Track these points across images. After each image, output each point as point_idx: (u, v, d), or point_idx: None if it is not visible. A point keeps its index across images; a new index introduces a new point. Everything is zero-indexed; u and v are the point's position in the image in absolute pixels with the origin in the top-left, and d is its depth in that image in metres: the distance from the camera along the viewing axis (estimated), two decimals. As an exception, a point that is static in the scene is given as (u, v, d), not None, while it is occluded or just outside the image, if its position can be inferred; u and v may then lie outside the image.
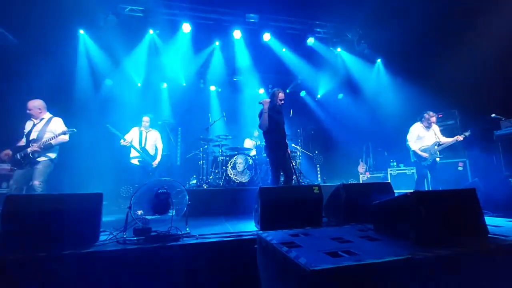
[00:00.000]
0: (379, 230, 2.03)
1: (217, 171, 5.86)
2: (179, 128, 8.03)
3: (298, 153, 6.98)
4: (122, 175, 5.78)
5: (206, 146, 6.30)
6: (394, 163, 7.15)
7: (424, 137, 4.86)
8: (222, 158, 5.73)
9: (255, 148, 6.40)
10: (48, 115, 3.93)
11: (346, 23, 7.37)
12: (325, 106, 9.36)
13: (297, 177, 3.72)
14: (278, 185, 3.80)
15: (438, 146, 4.76)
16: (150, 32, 6.66)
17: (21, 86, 5.09)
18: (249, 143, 6.94)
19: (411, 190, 1.91)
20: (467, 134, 4.64)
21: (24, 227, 2.06)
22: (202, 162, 6.27)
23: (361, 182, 7.67)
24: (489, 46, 5.10)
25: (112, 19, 5.95)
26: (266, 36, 7.06)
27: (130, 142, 4.96)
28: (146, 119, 5.23)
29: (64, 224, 2.14)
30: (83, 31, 6.27)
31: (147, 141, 5.14)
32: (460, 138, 4.63)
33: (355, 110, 8.88)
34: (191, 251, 2.14)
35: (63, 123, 3.95)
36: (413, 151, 4.86)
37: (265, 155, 5.50)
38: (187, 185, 6.01)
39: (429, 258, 1.36)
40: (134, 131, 5.19)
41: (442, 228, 1.71)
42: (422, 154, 4.74)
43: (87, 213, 2.25)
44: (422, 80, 6.51)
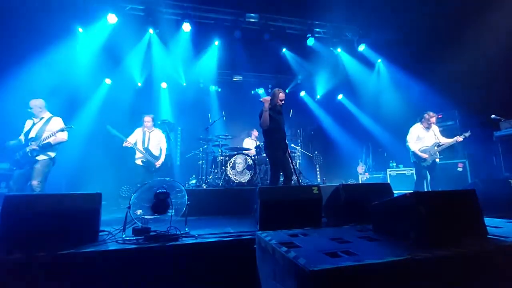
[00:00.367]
0: (379, 231, 2.03)
1: (216, 171, 5.86)
2: (179, 127, 8.04)
3: (298, 153, 6.99)
4: (124, 175, 5.78)
5: (205, 146, 6.29)
6: (394, 164, 7.16)
7: (424, 137, 4.86)
8: (222, 158, 5.73)
9: (255, 148, 6.40)
10: (48, 115, 3.94)
11: (346, 23, 7.38)
12: (325, 106, 9.37)
13: (297, 177, 3.72)
14: (278, 185, 3.80)
15: (438, 146, 4.75)
16: (150, 31, 6.65)
17: (20, 85, 5.08)
18: (248, 143, 6.94)
19: (411, 191, 1.91)
20: (467, 134, 4.64)
21: (23, 227, 2.05)
22: (202, 162, 6.27)
23: (360, 182, 7.67)
24: (489, 46, 5.11)
25: (111, 18, 5.95)
26: (267, 36, 7.05)
27: (134, 143, 4.94)
28: (147, 119, 5.17)
29: (63, 224, 2.14)
30: (82, 30, 6.24)
31: (150, 141, 5.10)
32: (460, 138, 4.63)
33: (355, 111, 8.89)
34: (190, 251, 2.14)
35: (63, 123, 3.95)
36: (412, 152, 4.85)
37: (264, 155, 5.51)
38: (187, 185, 6.02)
39: (428, 258, 1.36)
40: (138, 132, 5.15)
41: (441, 228, 1.70)
42: (422, 155, 4.74)
43: (86, 213, 2.24)
44: (422, 80, 6.52)
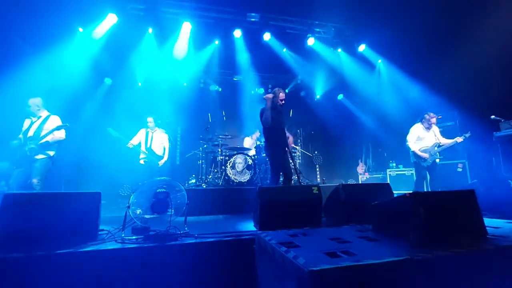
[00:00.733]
0: (378, 231, 2.03)
1: (216, 171, 5.85)
2: (179, 127, 8.03)
3: (298, 153, 6.99)
4: (124, 174, 5.80)
5: (205, 146, 6.29)
6: (394, 164, 7.16)
7: (424, 138, 4.86)
8: (222, 157, 5.72)
9: (255, 147, 6.40)
10: (46, 113, 3.93)
11: (346, 24, 7.37)
12: (325, 106, 9.35)
13: (298, 177, 3.72)
14: (278, 185, 3.80)
15: (438, 147, 4.75)
16: (150, 30, 6.64)
17: (19, 84, 5.07)
18: (248, 143, 6.93)
19: (410, 191, 1.91)
20: (467, 135, 4.64)
21: (22, 226, 2.05)
22: (201, 162, 6.27)
23: (360, 182, 7.68)
24: (489, 47, 5.10)
25: (112, 17, 5.94)
26: (267, 35, 7.05)
27: (138, 144, 5.15)
28: (149, 120, 5.33)
29: (62, 222, 2.13)
30: (82, 29, 6.24)
31: (153, 141, 5.24)
32: (460, 139, 4.63)
33: (355, 111, 8.89)
34: (190, 251, 2.13)
35: (61, 121, 3.94)
36: (412, 152, 4.85)
37: (264, 155, 5.51)
38: (186, 184, 6.01)
39: (428, 259, 1.35)
40: (141, 132, 5.31)
41: (441, 229, 1.70)
42: (422, 155, 4.74)
43: (86, 212, 2.24)
44: (422, 81, 6.52)
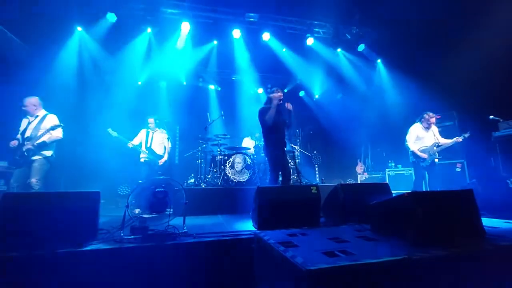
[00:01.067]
0: (376, 230, 2.03)
1: (215, 170, 5.85)
2: (178, 126, 8.02)
3: (297, 153, 6.98)
4: (123, 174, 5.81)
5: (204, 145, 6.29)
6: (392, 164, 7.17)
7: (423, 137, 4.86)
8: (221, 157, 5.72)
9: (254, 147, 6.39)
10: (43, 112, 3.91)
11: (345, 24, 7.37)
12: (324, 106, 9.37)
13: (298, 176, 3.73)
14: (277, 184, 3.80)
15: (437, 147, 4.76)
16: (149, 30, 6.63)
17: (17, 83, 5.06)
18: (247, 143, 6.93)
19: (409, 191, 1.91)
20: (467, 135, 4.64)
21: (20, 225, 2.04)
22: (201, 161, 6.26)
23: (359, 182, 7.69)
24: (488, 48, 5.11)
25: (110, 17, 5.93)
26: (266, 35, 7.04)
27: (139, 144, 5.27)
28: (150, 121, 5.42)
29: (61, 222, 2.13)
30: (81, 28, 6.22)
31: (153, 141, 5.34)
32: (459, 139, 4.64)
33: (354, 111, 8.89)
34: (188, 250, 2.13)
35: (58, 120, 3.93)
36: (412, 152, 4.86)
37: (263, 155, 5.50)
38: (185, 184, 6.00)
39: (425, 258, 1.36)
40: (142, 133, 5.39)
41: (439, 228, 1.71)
42: (421, 155, 4.74)
43: (85, 211, 2.24)
44: (421, 81, 6.52)
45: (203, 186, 5.34)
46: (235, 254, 2.20)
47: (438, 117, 5.73)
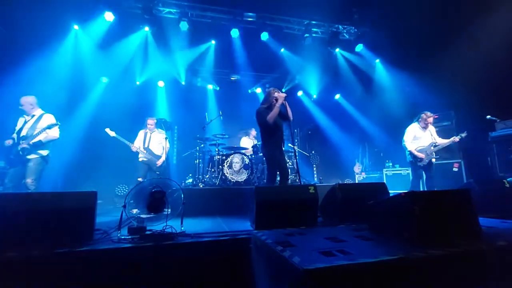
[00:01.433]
0: (374, 230, 2.04)
1: (213, 170, 5.84)
2: (175, 126, 8.00)
3: (295, 153, 6.98)
4: (120, 174, 5.79)
5: (202, 145, 6.27)
6: (390, 164, 7.19)
7: (420, 137, 4.88)
8: (219, 157, 5.71)
9: (252, 147, 6.39)
10: (39, 112, 3.88)
11: (343, 24, 7.39)
12: (322, 106, 9.38)
13: (299, 176, 3.74)
14: (275, 184, 3.80)
15: (434, 147, 4.78)
16: (146, 29, 6.60)
17: (14, 83, 5.03)
18: (245, 142, 6.92)
19: (406, 191, 1.92)
20: (464, 135, 4.67)
21: (17, 226, 2.03)
22: (198, 161, 6.25)
23: (357, 182, 7.71)
24: (485, 48, 5.14)
25: (108, 16, 5.90)
26: (264, 35, 7.04)
27: (142, 146, 5.23)
28: (150, 122, 5.37)
29: (58, 222, 2.12)
30: (78, 27, 6.17)
31: (151, 141, 5.31)
32: (456, 139, 4.66)
33: (352, 111, 8.92)
34: (186, 250, 2.13)
35: (55, 120, 3.90)
36: (409, 152, 4.87)
37: (261, 154, 5.50)
38: (183, 184, 5.99)
39: (422, 258, 1.36)
40: (141, 134, 5.35)
41: (435, 228, 1.72)
42: (419, 155, 4.76)
43: (81, 211, 2.22)
44: (419, 81, 6.56)
45: (201, 186, 5.33)
46: (233, 254, 2.20)
47: (436, 117, 5.76)
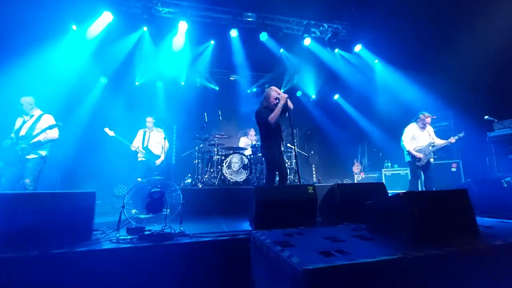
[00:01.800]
0: (372, 230, 2.04)
1: (212, 170, 5.84)
2: (174, 126, 8.00)
3: (294, 153, 7.00)
4: (119, 174, 5.78)
5: (201, 145, 6.27)
6: (389, 164, 7.21)
7: (418, 137, 4.90)
8: (218, 157, 5.71)
9: (251, 147, 6.39)
10: (38, 112, 3.88)
11: (342, 24, 7.40)
12: (321, 106, 9.40)
13: (299, 177, 3.76)
14: (274, 184, 3.80)
15: (432, 147, 4.80)
16: (144, 29, 6.59)
17: (11, 82, 5.00)
18: (244, 142, 6.93)
19: (404, 191, 1.92)
20: (461, 135, 4.69)
21: (15, 226, 2.02)
22: (197, 161, 6.25)
23: (356, 182, 7.72)
24: (483, 48, 5.16)
25: (107, 16, 5.89)
26: (263, 35, 7.04)
27: (141, 146, 5.23)
28: (149, 120, 5.39)
29: (56, 222, 2.11)
30: (76, 26, 6.14)
31: (150, 140, 5.31)
32: (453, 140, 4.68)
33: (351, 111, 8.94)
34: (185, 251, 2.13)
35: (54, 120, 3.90)
36: (407, 151, 4.89)
37: (260, 155, 5.51)
38: (182, 184, 5.99)
39: (421, 257, 1.37)
40: (140, 133, 5.36)
41: (434, 228, 1.72)
42: (417, 155, 4.78)
43: (80, 212, 2.22)
44: (417, 81, 6.58)
45: (200, 186, 5.33)
46: (232, 254, 2.20)
47: (434, 117, 5.79)
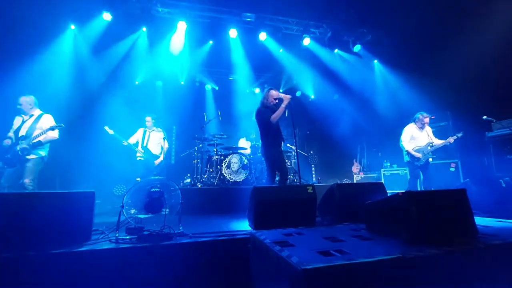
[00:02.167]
0: (372, 230, 2.05)
1: (211, 170, 5.84)
2: (174, 126, 7.99)
3: (293, 153, 7.00)
4: (118, 174, 5.78)
5: (200, 145, 6.27)
6: (388, 164, 7.22)
7: (417, 137, 4.92)
8: (217, 157, 5.71)
9: (250, 147, 6.40)
10: (38, 112, 3.87)
11: (342, 24, 7.41)
12: (320, 106, 9.40)
13: (299, 177, 3.77)
14: (274, 184, 3.81)
15: (431, 146, 4.82)
16: (144, 29, 6.59)
17: (10, 82, 4.99)
18: (244, 143, 6.93)
19: (403, 190, 1.93)
20: (459, 135, 4.71)
21: (14, 226, 2.02)
22: (197, 161, 6.25)
23: (355, 182, 7.73)
24: (482, 48, 5.18)
25: (106, 16, 5.87)
26: (262, 35, 7.04)
27: (135, 143, 5.24)
28: (148, 119, 5.42)
29: (55, 222, 2.11)
30: (74, 26, 6.13)
31: (150, 140, 5.33)
32: (452, 140, 4.69)
33: (350, 111, 8.95)
34: (184, 250, 2.13)
35: (54, 120, 3.89)
36: (406, 151, 4.91)
37: (260, 155, 5.51)
38: (181, 184, 5.98)
39: (420, 257, 1.37)
40: (139, 132, 5.38)
41: (433, 227, 1.73)
42: (416, 154, 4.79)
43: (79, 211, 2.21)
44: (415, 81, 6.59)
45: (199, 186, 5.32)
46: (231, 254, 2.20)
47: (432, 117, 5.80)
